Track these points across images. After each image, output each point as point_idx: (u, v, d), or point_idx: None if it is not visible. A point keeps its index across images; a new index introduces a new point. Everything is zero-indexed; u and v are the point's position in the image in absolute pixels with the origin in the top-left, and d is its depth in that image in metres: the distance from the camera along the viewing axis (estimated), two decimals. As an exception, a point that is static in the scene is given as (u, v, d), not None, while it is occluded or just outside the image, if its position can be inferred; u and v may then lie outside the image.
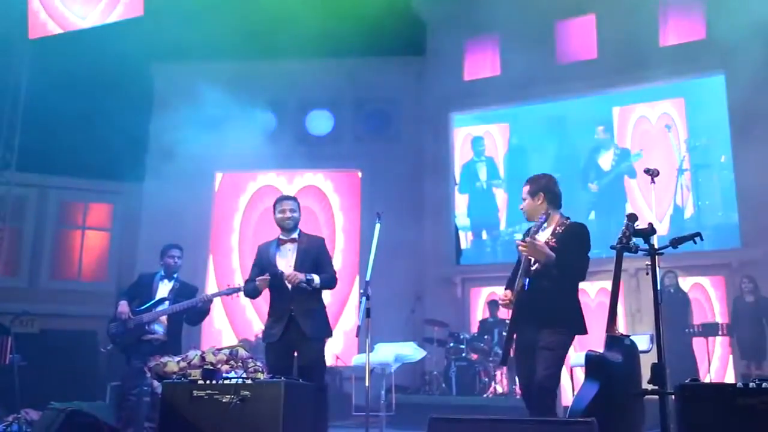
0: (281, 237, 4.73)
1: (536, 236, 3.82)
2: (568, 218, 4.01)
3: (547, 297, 3.74)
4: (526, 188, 4.05)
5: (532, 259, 3.81)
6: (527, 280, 3.82)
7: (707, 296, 9.40)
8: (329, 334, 4.74)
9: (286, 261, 4.64)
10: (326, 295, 4.82)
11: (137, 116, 9.54)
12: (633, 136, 10.61)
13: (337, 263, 11.61)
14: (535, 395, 3.66)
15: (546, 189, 3.99)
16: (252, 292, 4.73)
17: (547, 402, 3.63)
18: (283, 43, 10.09)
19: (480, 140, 11.49)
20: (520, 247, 3.85)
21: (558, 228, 3.91)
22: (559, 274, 3.74)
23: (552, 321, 3.72)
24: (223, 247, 11.93)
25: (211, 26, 9.45)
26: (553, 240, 3.86)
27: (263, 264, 4.71)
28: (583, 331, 3.82)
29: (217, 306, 9.98)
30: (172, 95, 10.20)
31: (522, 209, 4.08)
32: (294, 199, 4.83)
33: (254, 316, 11.31)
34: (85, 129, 9.68)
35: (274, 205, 4.79)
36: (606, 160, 10.39)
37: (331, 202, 11.98)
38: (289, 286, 4.49)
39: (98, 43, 9.37)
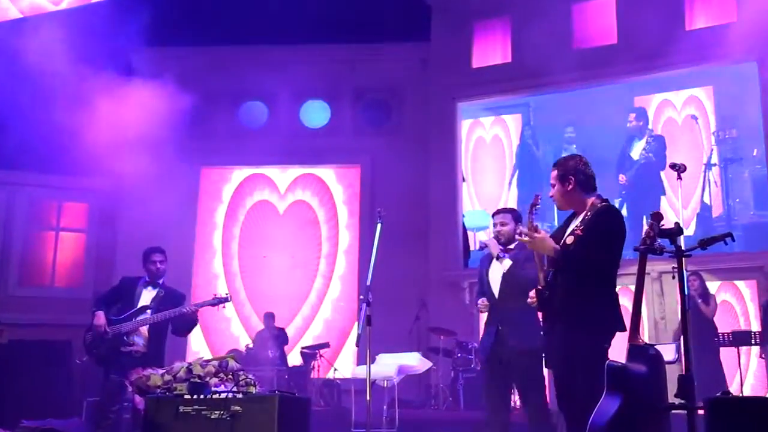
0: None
1: (537, 228, 3.78)
2: (605, 201, 3.89)
3: (569, 293, 3.68)
4: (554, 173, 3.96)
5: None
6: (551, 272, 3.78)
7: (738, 302, 9.41)
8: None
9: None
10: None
11: (113, 107, 9.52)
12: (656, 127, 10.63)
13: (339, 266, 11.66)
14: (578, 410, 3.55)
15: (575, 171, 3.89)
16: None
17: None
18: (276, 27, 10.09)
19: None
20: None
21: (588, 214, 3.81)
22: (581, 266, 3.68)
23: (578, 322, 3.66)
24: (210, 249, 11.95)
25: (199, 9, 9.47)
26: (581, 228, 3.77)
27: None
28: (621, 327, 3.72)
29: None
30: (152, 83, 10.21)
31: (552, 197, 3.99)
32: (507, 210, 5.12)
33: (251, 312, 11.40)
34: (56, 122, 9.67)
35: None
36: (637, 150, 10.38)
37: (327, 201, 12.01)
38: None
39: (69, 26, 9.36)
